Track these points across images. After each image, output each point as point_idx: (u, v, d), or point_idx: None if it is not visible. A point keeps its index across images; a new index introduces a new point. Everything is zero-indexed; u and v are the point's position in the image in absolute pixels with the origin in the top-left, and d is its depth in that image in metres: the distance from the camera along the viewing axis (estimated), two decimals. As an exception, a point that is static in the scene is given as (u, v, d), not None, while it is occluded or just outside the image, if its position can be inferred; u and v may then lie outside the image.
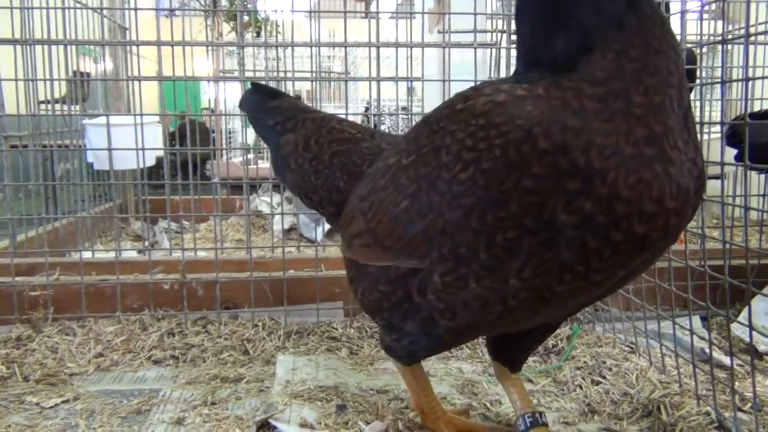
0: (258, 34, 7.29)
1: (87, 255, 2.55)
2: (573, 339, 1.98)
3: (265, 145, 1.79)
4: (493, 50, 2.45)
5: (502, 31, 2.35)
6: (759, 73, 2.48)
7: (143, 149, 2.29)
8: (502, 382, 1.40)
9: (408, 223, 1.08)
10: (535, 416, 1.31)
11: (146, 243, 3.21)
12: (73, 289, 2.18)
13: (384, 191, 1.16)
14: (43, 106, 2.99)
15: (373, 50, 2.28)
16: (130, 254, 2.97)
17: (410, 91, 2.45)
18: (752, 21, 1.42)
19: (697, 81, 2.87)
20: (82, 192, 3.33)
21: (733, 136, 1.83)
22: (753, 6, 1.37)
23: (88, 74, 4.01)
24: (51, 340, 2.03)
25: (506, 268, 0.98)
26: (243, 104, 1.71)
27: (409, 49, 2.33)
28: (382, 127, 6.32)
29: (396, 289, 1.14)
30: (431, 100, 2.51)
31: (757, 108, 2.74)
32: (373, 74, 2.27)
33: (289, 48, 2.63)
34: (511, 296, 1.02)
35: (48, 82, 2.44)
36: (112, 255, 2.38)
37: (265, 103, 1.63)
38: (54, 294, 2.18)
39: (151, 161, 3.25)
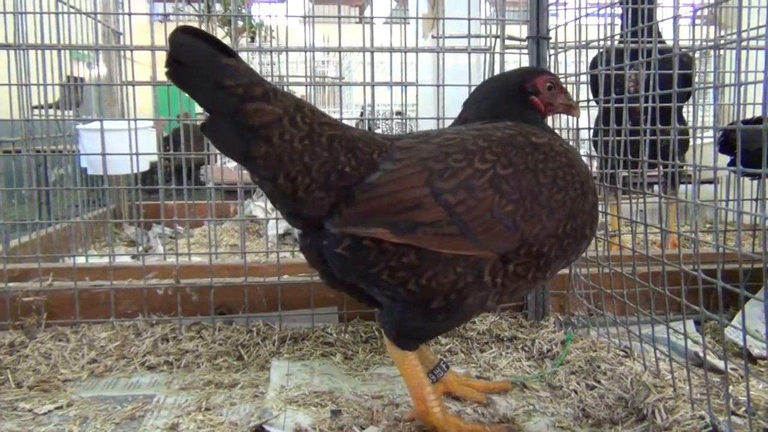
0: (252, 39, 7.29)
1: (80, 260, 2.54)
2: (567, 344, 1.98)
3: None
4: (487, 55, 2.45)
5: (496, 36, 2.36)
6: (751, 78, 2.48)
7: (137, 154, 2.29)
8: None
9: (510, 223, 1.34)
10: (439, 366, 1.68)
11: (140, 248, 3.20)
12: (67, 295, 2.17)
13: (483, 192, 1.33)
14: (36, 111, 2.97)
15: (368, 55, 2.28)
16: (124, 259, 2.96)
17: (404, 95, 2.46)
18: (744, 26, 1.43)
19: (691, 86, 2.89)
20: (75, 197, 3.32)
21: (726, 143, 1.84)
22: (745, 11, 1.37)
23: (82, 79, 4.00)
24: (44, 346, 2.02)
25: (558, 262, 1.44)
26: (181, 49, 1.31)
27: (403, 54, 2.33)
28: (377, 131, 6.32)
29: (471, 272, 1.35)
30: (426, 104, 2.51)
31: (749, 113, 2.76)
32: (368, 79, 2.27)
33: (284, 53, 2.63)
34: (544, 279, 1.47)
35: (41, 87, 2.43)
36: (105, 260, 2.37)
37: (217, 57, 1.30)
38: (47, 300, 2.17)
39: (145, 166, 3.24)
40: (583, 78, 2.33)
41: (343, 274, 1.44)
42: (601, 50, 2.36)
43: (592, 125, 2.74)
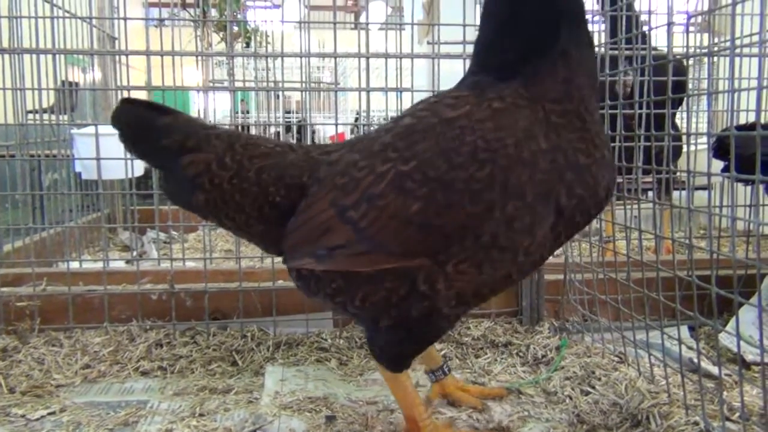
0: (248, 45, 7.29)
1: (74, 265, 2.53)
2: (562, 350, 1.98)
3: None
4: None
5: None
6: (745, 84, 2.50)
7: (132, 159, 2.28)
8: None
9: (421, 225, 1.17)
10: (441, 369, 1.64)
11: (134, 253, 3.19)
12: (60, 300, 2.16)
13: (383, 198, 1.19)
14: (30, 116, 2.97)
15: (363, 61, 2.29)
16: (118, 264, 2.95)
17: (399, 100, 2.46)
18: (738, 33, 1.44)
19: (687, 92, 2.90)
20: (69, 202, 3.31)
21: (720, 148, 1.85)
22: (738, 19, 1.38)
23: (77, 84, 4.00)
24: (37, 351, 2.01)
25: (519, 247, 1.18)
26: (120, 119, 1.47)
27: (398, 59, 2.33)
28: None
29: (402, 284, 1.23)
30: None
31: (743, 119, 2.77)
32: (363, 85, 2.28)
33: (279, 58, 2.63)
34: (516, 270, 1.23)
35: (36, 92, 2.42)
36: (99, 265, 2.36)
37: (153, 120, 1.42)
38: (41, 305, 2.16)
39: (139, 171, 3.23)
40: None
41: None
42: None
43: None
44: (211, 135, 1.41)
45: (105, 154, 2.28)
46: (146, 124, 1.43)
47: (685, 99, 2.86)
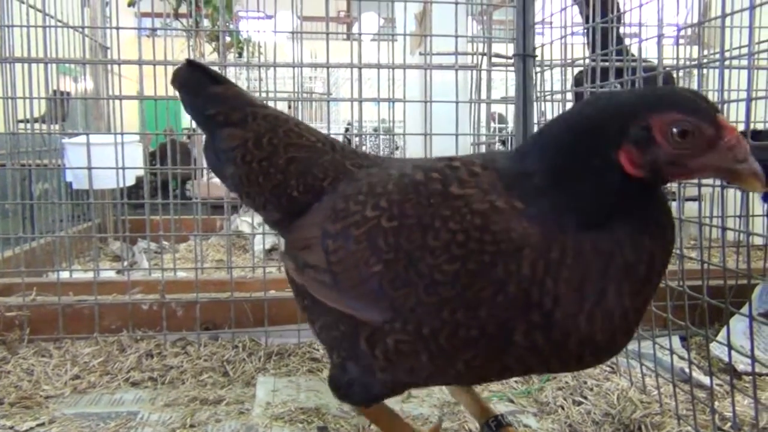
0: (240, 55, 7.30)
1: (64, 275, 2.52)
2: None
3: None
4: (474, 72, 2.47)
5: (483, 54, 2.38)
6: (734, 96, 2.52)
7: (123, 168, 2.28)
8: (457, 396, 1.51)
9: (377, 287, 1.09)
10: (498, 419, 1.37)
11: (125, 263, 3.18)
12: (50, 310, 2.15)
13: (357, 244, 1.13)
14: (21, 125, 2.96)
15: (355, 71, 2.29)
16: (109, 274, 2.93)
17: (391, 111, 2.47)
18: (727, 46, 1.46)
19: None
20: (60, 212, 3.29)
21: None
22: (728, 31, 1.39)
23: (68, 93, 3.98)
24: (26, 362, 2.00)
25: (459, 355, 1.06)
26: (178, 81, 1.50)
27: (390, 70, 2.34)
28: (363, 148, 6.34)
29: (349, 333, 1.17)
30: (413, 120, 2.52)
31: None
32: (355, 95, 2.28)
33: (272, 68, 2.63)
34: (454, 374, 1.12)
35: (27, 101, 2.42)
36: (90, 275, 2.35)
37: (204, 87, 1.45)
38: (30, 315, 2.14)
39: (131, 181, 3.22)
40: (569, 95, 2.35)
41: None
42: (583, 67, 2.39)
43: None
44: (258, 113, 1.43)
45: (96, 164, 2.27)
46: (198, 89, 1.46)
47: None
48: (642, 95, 1.03)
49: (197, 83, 1.46)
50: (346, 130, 7.50)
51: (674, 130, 0.92)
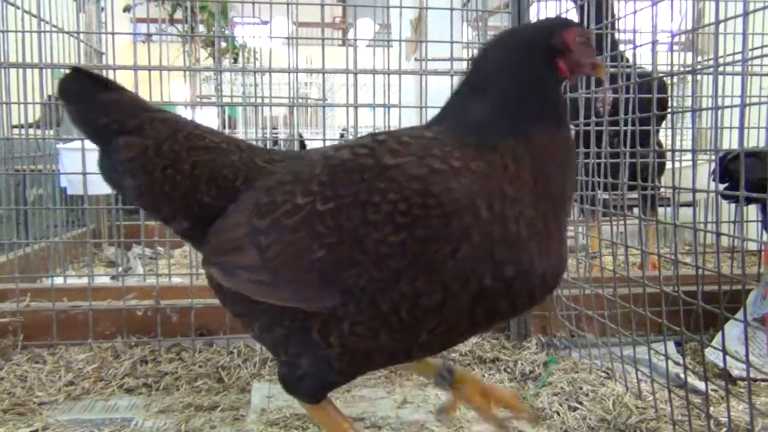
0: (235, 61, 7.30)
1: (59, 281, 2.50)
2: (550, 366, 1.98)
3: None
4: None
5: (478, 60, 2.38)
6: (728, 102, 2.53)
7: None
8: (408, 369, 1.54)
9: (322, 273, 1.08)
10: (449, 367, 1.40)
11: (120, 269, 3.17)
12: (44, 316, 2.14)
13: (293, 233, 1.10)
14: (16, 131, 2.95)
15: (351, 77, 2.30)
16: (103, 280, 2.92)
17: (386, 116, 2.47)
18: (721, 52, 1.46)
19: (668, 109, 2.94)
20: (54, 217, 3.28)
21: (724, 173, 1.88)
22: (721, 38, 1.40)
23: (63, 98, 3.97)
24: (20, 368, 1.99)
25: (422, 325, 1.07)
26: (65, 93, 1.36)
27: (386, 76, 2.35)
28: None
29: (298, 327, 1.14)
30: (408, 126, 2.52)
31: (726, 136, 2.80)
32: (351, 101, 2.29)
33: (267, 74, 2.63)
34: (417, 347, 1.12)
35: (22, 106, 2.41)
36: (84, 281, 2.34)
37: (95, 96, 1.33)
38: (24, 321, 2.13)
39: (126, 186, 3.21)
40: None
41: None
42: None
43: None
44: (155, 119, 1.31)
45: (91, 169, 2.26)
46: (88, 98, 1.33)
47: (670, 116, 2.89)
48: (549, 22, 1.30)
49: (87, 92, 1.34)
50: (341, 135, 7.51)
51: (578, 39, 1.17)
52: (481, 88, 1.19)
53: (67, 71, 1.37)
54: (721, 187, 1.85)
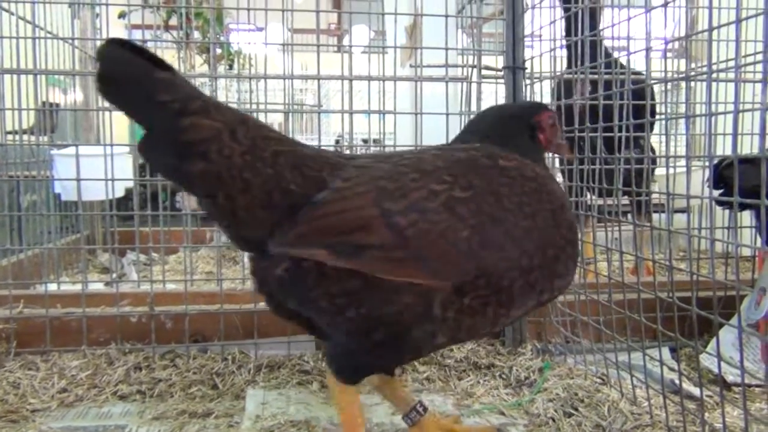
0: (230, 67, 7.30)
1: (52, 287, 2.49)
2: (545, 372, 1.98)
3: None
4: (464, 84, 2.48)
5: (473, 66, 2.39)
6: (721, 108, 2.55)
7: (113, 180, 2.27)
8: (382, 391, 1.57)
9: (466, 250, 1.21)
10: (416, 409, 1.51)
11: (114, 275, 3.16)
12: (37, 323, 2.13)
13: (437, 214, 1.22)
14: (10, 137, 2.94)
15: (346, 83, 2.30)
16: (97, 286, 2.91)
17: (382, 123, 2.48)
18: (714, 59, 1.47)
19: (657, 116, 2.95)
20: (48, 223, 3.28)
21: (719, 180, 1.89)
22: (715, 45, 1.41)
23: (57, 105, 3.97)
24: (13, 375, 1.97)
25: (524, 300, 1.29)
26: (113, 64, 1.25)
27: (381, 82, 2.35)
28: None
29: (420, 303, 1.22)
30: (403, 132, 2.53)
31: (720, 143, 2.81)
32: (346, 107, 2.29)
33: (262, 80, 2.63)
34: (499, 324, 1.32)
35: (16, 112, 2.40)
36: (78, 287, 2.33)
37: (150, 71, 1.24)
38: (17, 327, 2.12)
39: (120, 192, 3.21)
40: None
41: (283, 297, 1.33)
42: (559, 80, 2.42)
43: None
44: (220, 105, 1.30)
45: (85, 175, 2.26)
46: (142, 73, 1.24)
47: (664, 122, 2.91)
48: (531, 104, 1.75)
49: (141, 66, 1.24)
50: (337, 141, 7.51)
51: (550, 121, 1.51)
52: (485, 134, 1.47)
53: (110, 41, 1.26)
54: (716, 193, 1.86)
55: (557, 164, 2.44)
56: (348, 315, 1.24)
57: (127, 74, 1.25)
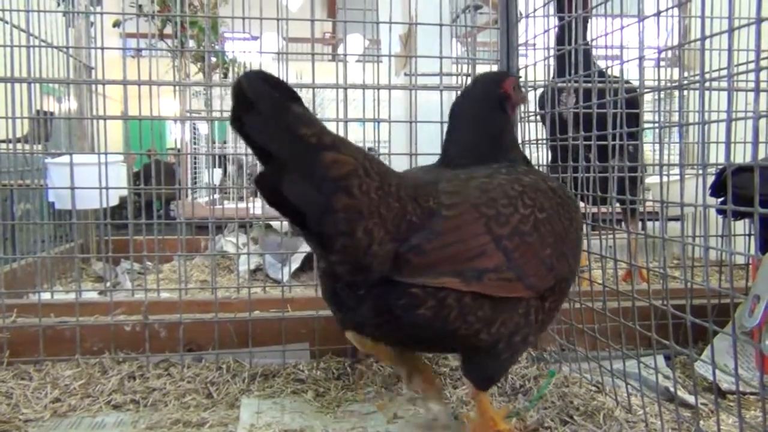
0: (225, 76, 7.30)
1: (46, 296, 2.48)
2: (550, 379, 1.97)
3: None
4: (459, 93, 2.48)
5: (467, 75, 2.40)
6: (714, 117, 2.56)
7: (107, 188, 2.26)
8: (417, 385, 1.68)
9: (549, 265, 1.42)
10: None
11: (108, 284, 3.14)
12: (31, 332, 2.12)
13: (530, 236, 1.40)
14: (3, 145, 2.93)
15: (341, 92, 2.30)
16: (91, 295, 2.90)
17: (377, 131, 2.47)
18: (707, 68, 1.48)
19: (649, 124, 2.96)
20: (42, 232, 3.26)
21: (719, 188, 1.90)
22: (707, 53, 1.42)
23: (52, 113, 3.96)
24: (5, 384, 1.96)
25: (567, 293, 1.58)
26: (252, 91, 1.18)
27: (376, 91, 2.35)
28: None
29: (527, 313, 1.42)
30: (398, 141, 2.53)
31: (713, 151, 2.83)
32: (341, 115, 2.29)
33: (257, 89, 2.63)
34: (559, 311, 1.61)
35: (10, 121, 2.40)
36: (71, 296, 2.32)
37: (289, 106, 1.21)
38: (10, 337, 2.11)
39: (114, 201, 3.20)
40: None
41: (417, 334, 1.38)
42: (544, 88, 2.43)
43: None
44: (342, 138, 1.29)
45: (80, 184, 2.25)
46: (283, 107, 1.21)
47: (658, 131, 2.92)
48: (496, 74, 1.88)
49: (281, 100, 1.21)
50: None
51: (514, 85, 1.69)
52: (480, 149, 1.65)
53: (250, 73, 1.21)
54: (713, 201, 1.86)
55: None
56: (490, 331, 1.38)
57: (268, 107, 1.20)
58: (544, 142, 2.52)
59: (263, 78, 1.21)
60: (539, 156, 2.58)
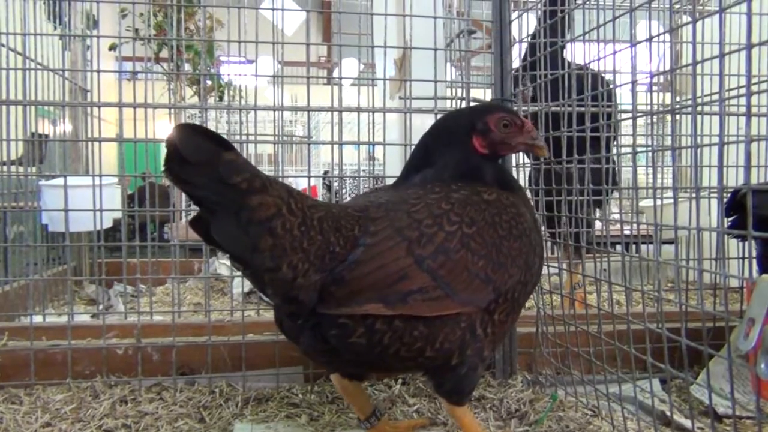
0: (221, 99, 7.33)
1: (38, 319, 2.46)
2: (551, 405, 1.96)
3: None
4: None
5: (462, 98, 2.41)
6: (707, 141, 2.58)
7: (101, 210, 2.25)
8: (346, 391, 1.71)
9: (484, 277, 1.43)
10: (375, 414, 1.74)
11: (100, 307, 3.12)
12: (22, 355, 2.10)
13: (457, 253, 1.41)
14: (-2, 167, 2.93)
15: (336, 115, 2.31)
16: (83, 318, 2.88)
17: (371, 156, 2.48)
18: (699, 92, 1.50)
19: (635, 149, 2.96)
20: (34, 255, 3.24)
21: (732, 207, 1.91)
22: (699, 78, 1.43)
23: (47, 136, 3.96)
24: (-5, 409, 1.94)
25: (523, 303, 1.56)
26: (188, 150, 1.26)
27: (370, 114, 2.37)
28: (344, 191, 6.38)
29: (472, 327, 1.43)
30: (392, 164, 2.54)
31: (706, 174, 2.84)
32: (335, 138, 2.30)
33: (252, 112, 2.64)
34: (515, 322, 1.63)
35: (4, 143, 2.40)
36: (64, 319, 2.30)
37: (219, 154, 1.28)
38: (1, 360, 2.09)
39: (108, 223, 3.19)
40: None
41: (360, 360, 1.45)
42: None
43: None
44: (270, 179, 1.36)
45: (73, 206, 2.24)
46: (212, 156, 1.28)
47: (651, 154, 2.93)
48: (480, 106, 1.84)
49: (211, 150, 1.28)
50: (325, 173, 7.53)
51: (502, 122, 1.60)
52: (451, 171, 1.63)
53: (181, 127, 1.29)
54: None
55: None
56: (434, 348, 1.41)
57: (199, 157, 1.28)
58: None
59: (194, 130, 1.30)
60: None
